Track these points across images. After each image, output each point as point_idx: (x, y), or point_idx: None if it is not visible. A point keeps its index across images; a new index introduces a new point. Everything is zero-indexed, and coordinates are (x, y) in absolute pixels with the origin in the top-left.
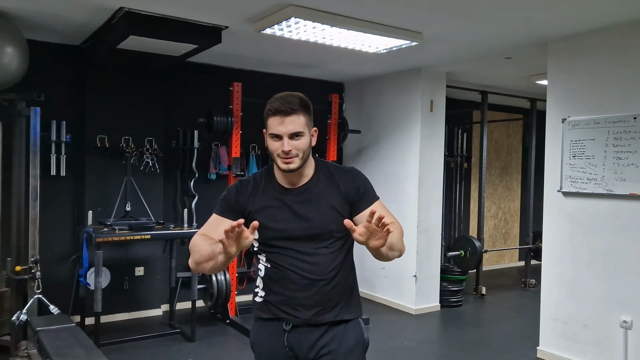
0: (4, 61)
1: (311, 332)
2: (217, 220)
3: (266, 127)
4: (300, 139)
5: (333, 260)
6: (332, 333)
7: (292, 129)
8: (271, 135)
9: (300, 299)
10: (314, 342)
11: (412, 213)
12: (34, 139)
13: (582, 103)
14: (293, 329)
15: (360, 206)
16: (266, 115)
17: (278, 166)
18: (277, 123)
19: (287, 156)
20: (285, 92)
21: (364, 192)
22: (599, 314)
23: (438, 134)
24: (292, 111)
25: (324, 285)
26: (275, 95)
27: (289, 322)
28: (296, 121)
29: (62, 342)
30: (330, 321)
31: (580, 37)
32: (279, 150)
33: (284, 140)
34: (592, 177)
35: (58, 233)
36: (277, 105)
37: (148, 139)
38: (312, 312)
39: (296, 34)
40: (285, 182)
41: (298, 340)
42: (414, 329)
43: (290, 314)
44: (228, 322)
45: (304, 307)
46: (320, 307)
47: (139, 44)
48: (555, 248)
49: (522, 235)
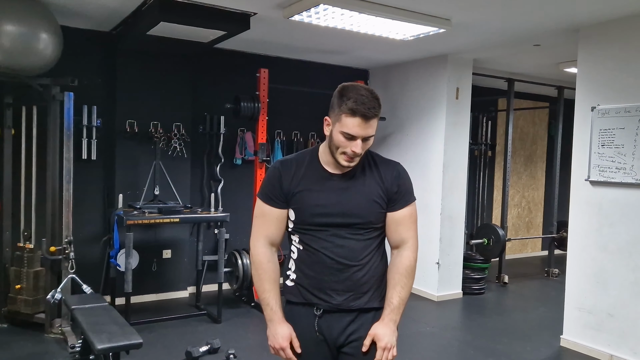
0: (39, 47)
1: (342, 317)
2: (266, 212)
3: (337, 119)
4: (369, 140)
5: (367, 246)
6: (362, 319)
7: (369, 133)
8: (345, 133)
9: (331, 284)
10: (344, 328)
11: (436, 200)
12: (67, 123)
13: (613, 91)
14: (324, 314)
15: (396, 204)
16: (343, 111)
17: (337, 160)
18: (355, 125)
19: (354, 157)
20: (363, 87)
21: (403, 192)
22: (624, 304)
23: (463, 121)
24: (374, 116)
25: (356, 271)
26: (351, 87)
27: (320, 307)
28: (373, 125)
29: (96, 319)
30: (361, 307)
31: (612, 23)
32: (348, 149)
33: (358, 142)
34: (621, 166)
35: (89, 215)
36: (363, 109)
37: (176, 124)
38: (343, 297)
39: (324, 20)
40: (331, 167)
41: (328, 325)
42: (437, 315)
43: (321, 299)
44: (253, 305)
45: (335, 291)
46: (351, 293)
47: (168, 30)
48: (582, 237)
49: (546, 225)
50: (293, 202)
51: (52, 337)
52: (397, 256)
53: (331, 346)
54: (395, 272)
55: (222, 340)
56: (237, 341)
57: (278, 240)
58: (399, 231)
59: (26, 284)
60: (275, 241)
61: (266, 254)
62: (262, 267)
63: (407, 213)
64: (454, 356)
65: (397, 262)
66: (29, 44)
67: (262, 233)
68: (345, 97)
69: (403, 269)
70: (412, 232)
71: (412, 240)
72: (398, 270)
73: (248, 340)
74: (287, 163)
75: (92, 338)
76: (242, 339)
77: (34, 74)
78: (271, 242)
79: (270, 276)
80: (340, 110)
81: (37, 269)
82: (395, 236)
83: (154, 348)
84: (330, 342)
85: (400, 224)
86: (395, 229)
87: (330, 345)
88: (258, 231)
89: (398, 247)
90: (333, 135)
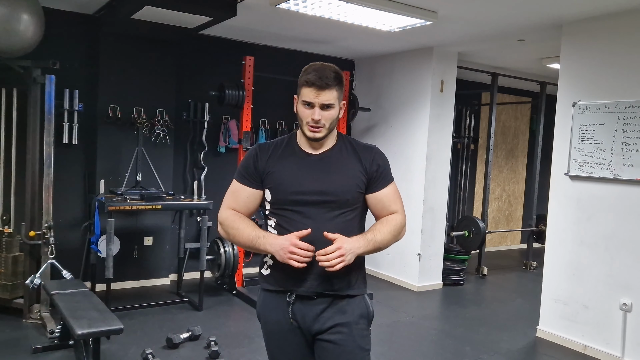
0: (19, 28)
1: (315, 304)
2: (238, 189)
3: (299, 93)
4: (330, 110)
5: (342, 230)
6: (337, 306)
7: (324, 101)
8: (303, 102)
9: (307, 269)
10: (317, 314)
11: (419, 192)
12: (48, 107)
13: (594, 87)
14: (297, 300)
15: (376, 185)
16: (301, 84)
17: (304, 133)
18: (311, 93)
19: (316, 125)
20: (321, 63)
21: (382, 172)
22: (599, 296)
23: (447, 114)
24: (327, 86)
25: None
26: (312, 64)
27: (293, 292)
28: (329, 94)
29: (77, 305)
30: (335, 294)
31: (595, 20)
32: (308, 118)
33: (316, 109)
34: (600, 161)
35: (69, 200)
36: (313, 78)
37: (159, 110)
38: (317, 282)
39: (311, 9)
40: (308, 148)
41: (302, 312)
42: (416, 305)
43: (295, 285)
44: (234, 293)
45: (309, 276)
46: (325, 279)
47: (153, 14)
48: (560, 230)
49: (525, 218)
50: (269, 181)
51: (31, 322)
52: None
53: (305, 333)
54: (381, 219)
55: (203, 327)
56: (218, 328)
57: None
58: (385, 207)
59: (4, 268)
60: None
61: (234, 213)
62: (232, 219)
63: (390, 190)
64: (433, 345)
65: (386, 217)
66: (10, 24)
67: (230, 206)
68: (304, 73)
69: (391, 219)
70: (399, 205)
71: (401, 211)
72: (386, 218)
73: (229, 328)
74: (265, 145)
75: (72, 323)
76: (223, 327)
77: (14, 55)
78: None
79: (244, 220)
80: (299, 84)
81: (15, 253)
82: (383, 213)
83: (135, 335)
84: (305, 328)
85: (385, 201)
86: (382, 207)
87: (305, 332)
88: (225, 204)
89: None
90: (298, 110)
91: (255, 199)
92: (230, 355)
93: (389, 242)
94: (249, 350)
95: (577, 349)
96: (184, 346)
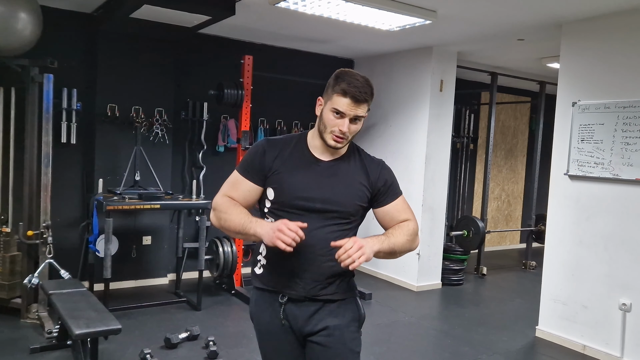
0: (17, 26)
1: (307, 306)
2: (239, 180)
3: (329, 99)
4: (357, 123)
5: (339, 238)
6: (328, 309)
7: (358, 114)
8: (334, 110)
9: (300, 272)
10: (309, 317)
11: (418, 192)
12: (46, 106)
13: (593, 87)
14: (289, 301)
15: (385, 199)
16: (336, 91)
17: (325, 140)
18: (345, 105)
19: (342, 136)
20: (357, 73)
21: (390, 186)
22: (598, 296)
23: (446, 114)
24: (364, 101)
25: (326, 261)
26: (347, 72)
27: (285, 294)
28: (363, 108)
29: (75, 305)
30: (327, 298)
31: (595, 20)
32: (335, 127)
33: (345, 121)
34: (600, 161)
35: (68, 200)
36: (353, 90)
37: (158, 110)
38: (309, 286)
39: (310, 8)
40: (319, 153)
41: (294, 313)
42: (415, 305)
43: (287, 287)
44: (233, 292)
45: (302, 280)
46: (318, 283)
47: (152, 13)
48: (559, 230)
49: (525, 218)
50: (273, 181)
51: (29, 322)
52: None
53: (297, 334)
54: (396, 226)
55: (202, 327)
56: (217, 329)
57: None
58: (395, 218)
59: (2, 268)
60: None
61: (230, 200)
62: (227, 205)
63: (400, 202)
64: (432, 345)
65: (399, 223)
66: (7, 23)
67: (227, 194)
68: (340, 79)
69: (403, 224)
70: (410, 214)
71: (412, 219)
72: (398, 224)
73: (228, 328)
74: (273, 141)
75: (70, 323)
76: (221, 327)
77: (12, 54)
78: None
79: (239, 207)
80: (334, 91)
81: (13, 253)
82: (392, 223)
83: (133, 334)
84: (296, 329)
85: (394, 212)
86: (391, 218)
87: (297, 333)
88: (222, 192)
89: None
90: (323, 114)
91: (255, 194)
92: (229, 355)
93: (404, 245)
94: (247, 350)
95: (576, 349)
96: (182, 346)
